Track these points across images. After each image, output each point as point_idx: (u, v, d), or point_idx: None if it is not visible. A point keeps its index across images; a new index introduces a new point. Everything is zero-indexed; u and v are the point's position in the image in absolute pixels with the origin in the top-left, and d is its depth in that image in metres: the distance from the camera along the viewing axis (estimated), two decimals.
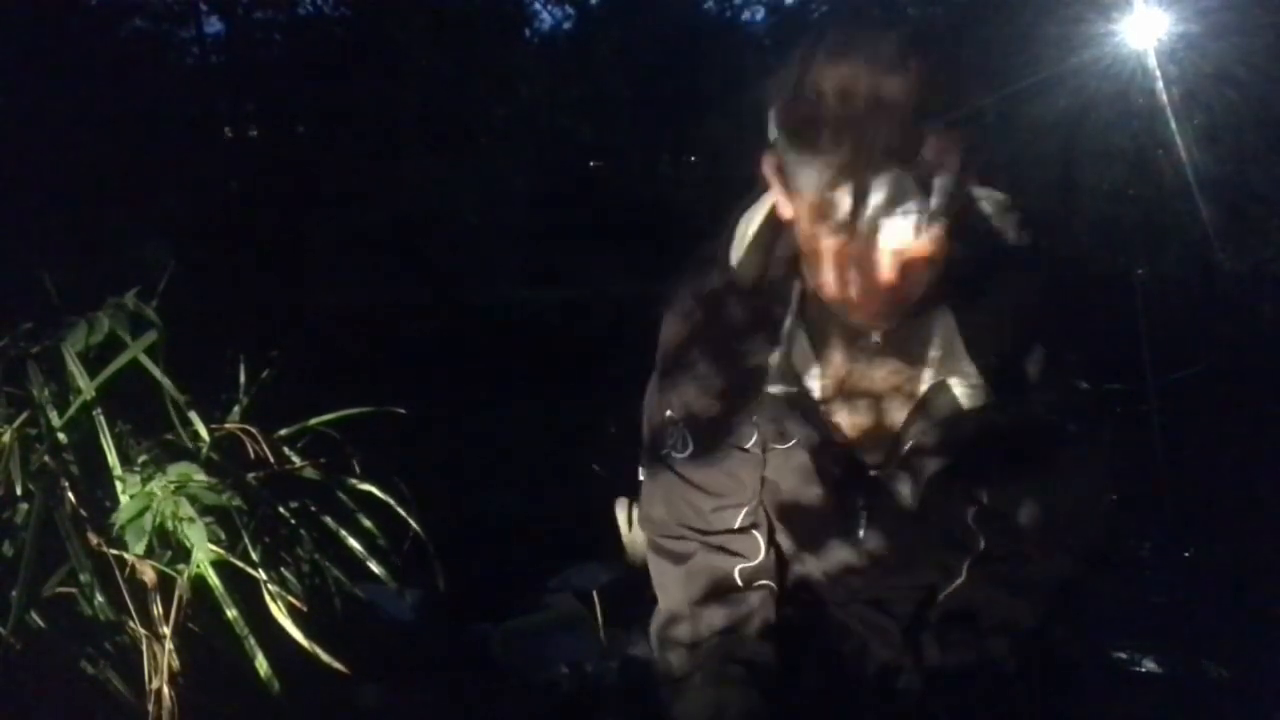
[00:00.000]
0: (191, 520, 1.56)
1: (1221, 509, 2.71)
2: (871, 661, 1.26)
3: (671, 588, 1.26)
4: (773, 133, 1.04)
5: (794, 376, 1.14)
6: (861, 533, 1.23)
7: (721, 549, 1.24)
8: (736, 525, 1.25)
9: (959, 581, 1.21)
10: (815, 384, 1.16)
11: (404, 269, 5.15)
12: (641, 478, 1.33)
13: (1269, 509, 2.69)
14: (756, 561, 1.26)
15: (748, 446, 1.20)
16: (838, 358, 1.14)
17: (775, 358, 1.13)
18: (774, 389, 1.13)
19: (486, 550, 2.60)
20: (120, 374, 1.65)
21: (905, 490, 1.18)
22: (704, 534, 1.24)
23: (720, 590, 1.24)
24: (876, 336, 1.11)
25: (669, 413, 1.23)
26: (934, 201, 0.93)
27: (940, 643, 1.21)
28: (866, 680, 1.23)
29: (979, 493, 1.18)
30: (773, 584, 1.27)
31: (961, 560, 1.21)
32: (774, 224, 1.14)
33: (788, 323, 1.13)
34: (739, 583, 1.24)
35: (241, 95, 5.80)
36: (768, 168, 1.08)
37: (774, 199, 1.10)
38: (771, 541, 1.30)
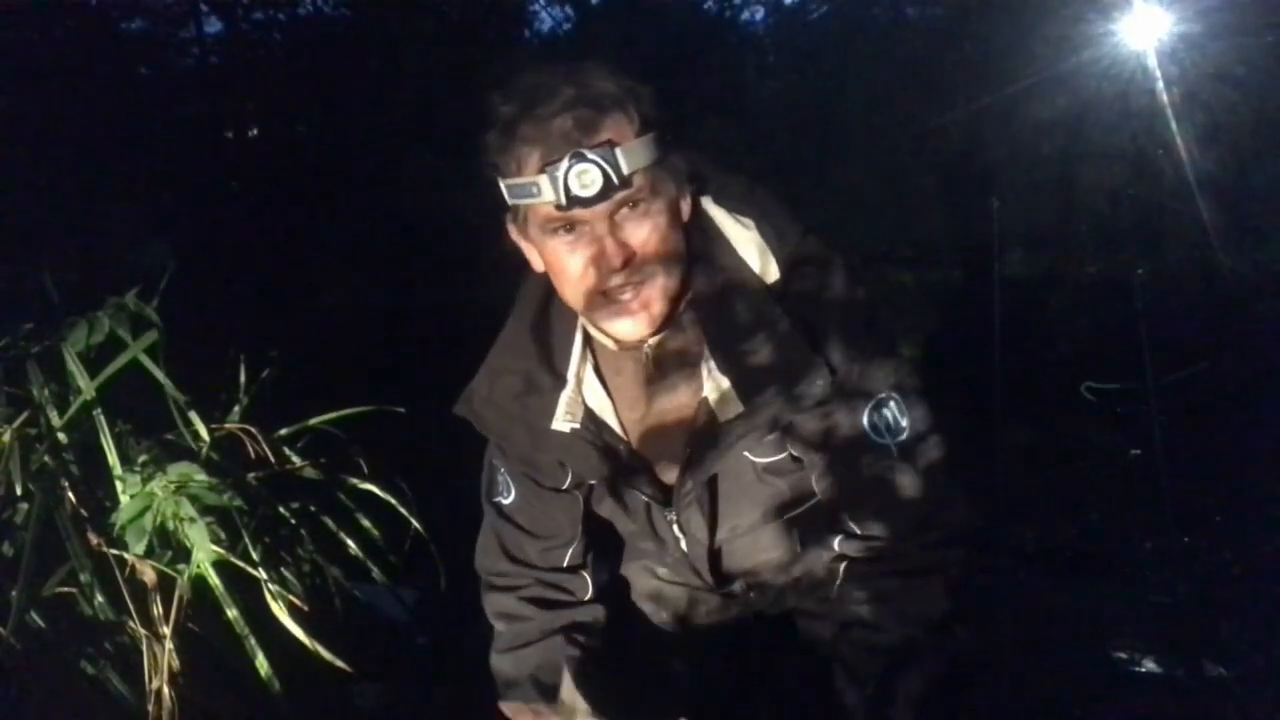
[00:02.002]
0: (193, 520, 1.56)
1: (1221, 509, 2.71)
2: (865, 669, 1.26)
3: (510, 610, 1.35)
4: (506, 199, 1.11)
5: (586, 412, 1.20)
6: (681, 553, 1.29)
7: (553, 585, 1.34)
8: (565, 564, 1.34)
9: (839, 584, 1.22)
10: (611, 418, 1.21)
11: (404, 268, 5.15)
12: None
13: (1269, 509, 2.69)
14: (585, 598, 1.36)
15: (564, 488, 1.27)
16: (624, 388, 1.21)
17: (564, 395, 1.19)
18: (563, 426, 1.19)
19: None
20: (120, 374, 1.66)
21: (706, 507, 1.22)
22: (536, 569, 1.34)
23: (556, 606, 1.33)
24: (649, 360, 1.17)
25: (494, 461, 1.33)
26: (622, 160, 1.01)
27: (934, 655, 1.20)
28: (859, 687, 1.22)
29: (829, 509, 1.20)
30: (601, 616, 1.36)
31: (833, 569, 1.24)
32: (545, 280, 1.21)
33: (573, 362, 1.20)
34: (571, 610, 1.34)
35: (241, 95, 5.79)
36: (509, 230, 1.17)
37: (534, 262, 1.18)
38: (605, 581, 1.39)
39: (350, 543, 1.92)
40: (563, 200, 1.02)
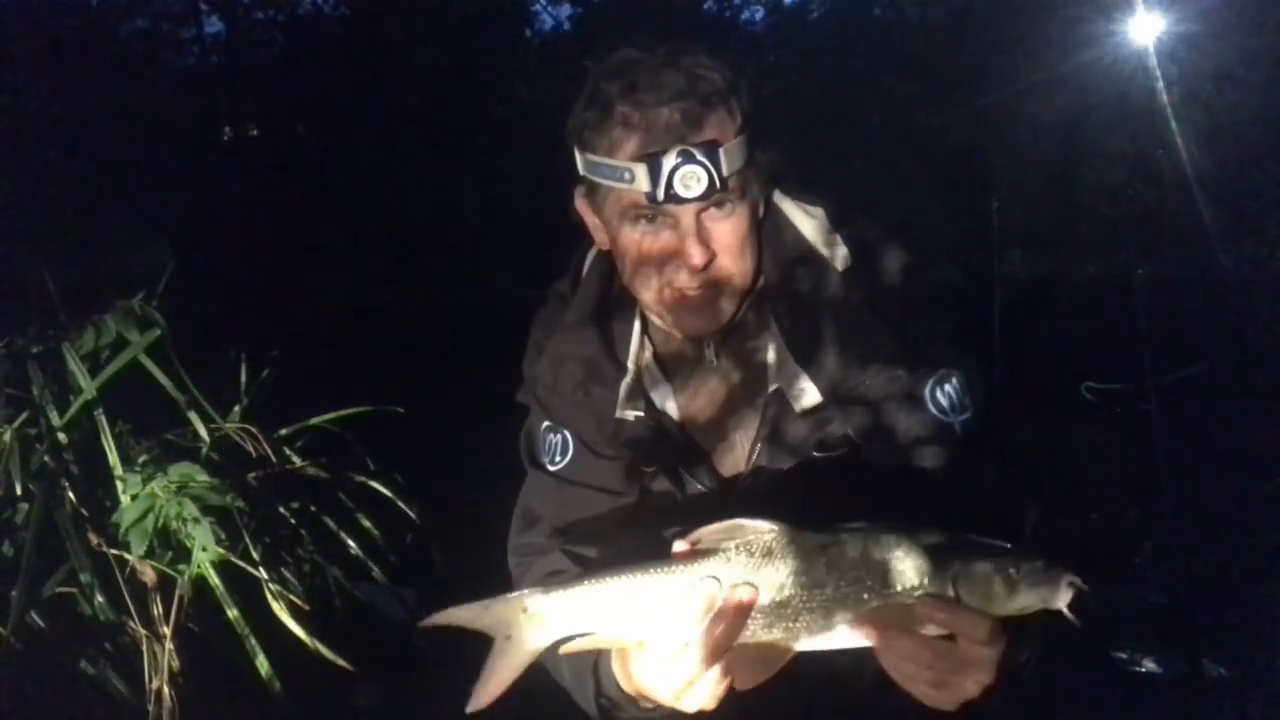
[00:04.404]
0: (197, 521, 1.56)
1: (1221, 509, 2.71)
2: (865, 669, 1.24)
3: (548, 569, 1.23)
4: (579, 167, 1.08)
5: (646, 400, 1.16)
6: None
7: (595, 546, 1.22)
8: (622, 505, 1.21)
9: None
10: (671, 405, 1.18)
11: (404, 269, 5.16)
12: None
13: (1268, 509, 2.69)
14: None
15: (626, 457, 1.19)
16: (685, 377, 1.17)
17: (625, 383, 1.15)
18: (627, 413, 1.15)
19: (486, 549, 2.60)
20: (121, 374, 1.66)
21: (766, 502, 1.15)
22: (580, 534, 1.23)
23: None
24: (712, 350, 1.14)
25: (547, 423, 1.24)
26: (724, 161, 0.98)
27: None
28: (860, 688, 1.21)
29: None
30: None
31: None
32: (605, 264, 1.18)
33: (633, 348, 1.17)
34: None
35: (241, 95, 5.80)
36: (578, 203, 1.13)
37: (600, 241, 1.14)
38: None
39: (350, 542, 1.92)
40: (660, 195, 0.99)
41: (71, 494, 1.59)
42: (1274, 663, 2.08)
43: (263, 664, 1.54)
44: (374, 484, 1.96)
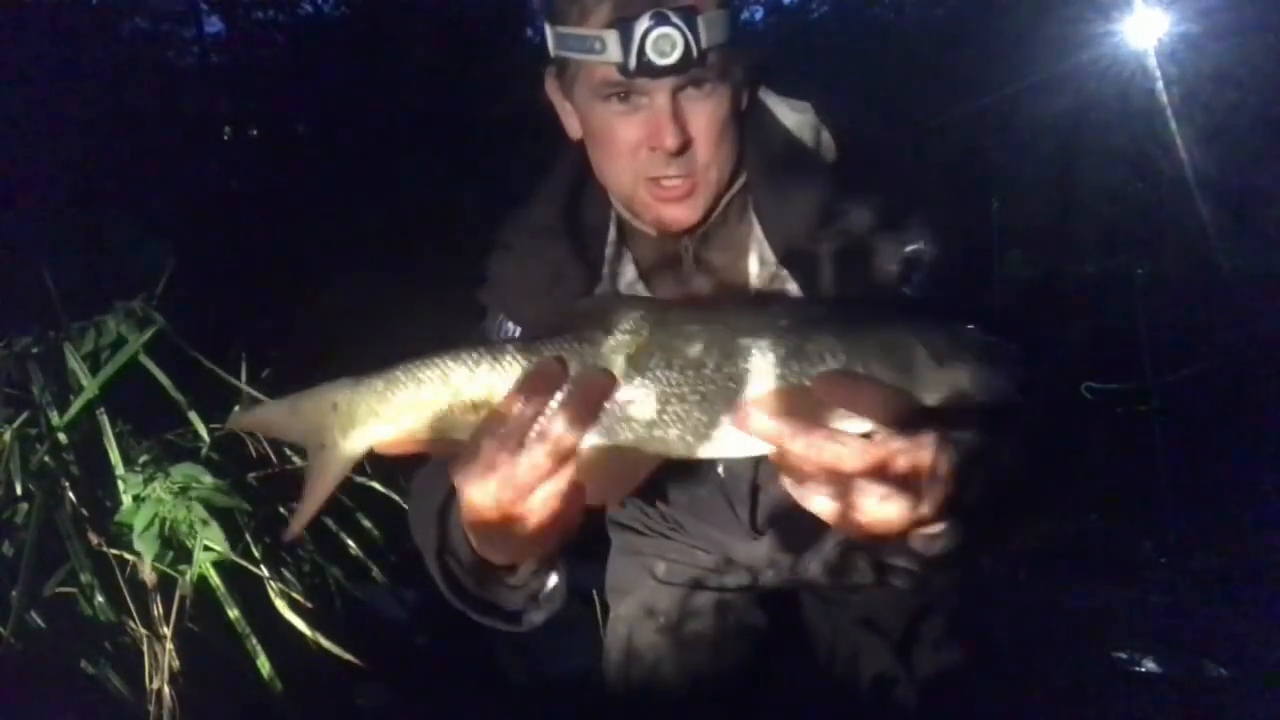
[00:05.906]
0: (206, 524, 1.56)
1: (1221, 509, 2.71)
2: (864, 674, 1.24)
3: None
4: (550, 45, 1.00)
5: None
6: (718, 482, 1.14)
7: None
8: None
9: None
10: None
11: (404, 268, 5.15)
12: None
13: (1269, 509, 2.69)
14: None
15: None
16: (663, 283, 1.09)
17: (597, 291, 1.07)
18: None
19: None
20: (122, 375, 1.66)
21: None
22: None
23: None
24: (690, 252, 1.06)
25: (501, 317, 1.16)
26: (703, 30, 0.89)
27: (934, 656, 1.19)
28: (858, 692, 1.21)
29: None
30: None
31: None
32: (578, 161, 1.10)
33: (608, 251, 1.09)
34: None
35: (241, 95, 5.80)
36: (548, 86, 1.05)
37: (571, 129, 1.06)
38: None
39: (350, 543, 1.92)
40: (632, 64, 0.90)
41: (71, 494, 1.59)
42: (1274, 663, 2.08)
43: (264, 664, 1.54)
44: (374, 484, 1.96)
